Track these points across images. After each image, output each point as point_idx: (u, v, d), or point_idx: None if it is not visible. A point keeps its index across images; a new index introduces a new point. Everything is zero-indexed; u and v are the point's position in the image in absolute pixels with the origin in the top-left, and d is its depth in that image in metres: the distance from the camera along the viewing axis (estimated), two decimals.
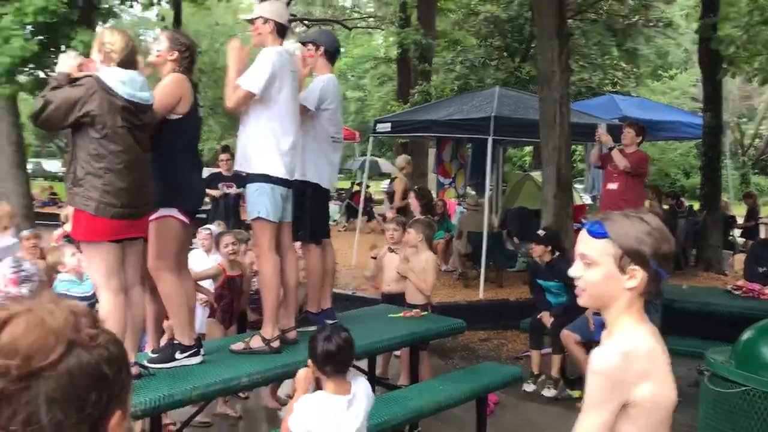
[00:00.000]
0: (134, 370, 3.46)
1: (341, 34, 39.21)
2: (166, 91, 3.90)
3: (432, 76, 18.78)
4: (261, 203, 4.26)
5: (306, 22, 27.37)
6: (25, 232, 6.21)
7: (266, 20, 4.34)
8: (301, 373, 3.12)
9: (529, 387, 6.36)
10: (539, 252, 6.44)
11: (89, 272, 3.95)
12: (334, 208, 16.55)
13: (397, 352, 6.31)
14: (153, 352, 4.09)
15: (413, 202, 8.87)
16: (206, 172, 9.16)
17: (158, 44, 4.03)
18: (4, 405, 0.90)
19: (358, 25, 30.86)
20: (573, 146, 11.22)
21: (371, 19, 29.74)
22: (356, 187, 18.08)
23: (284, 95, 4.27)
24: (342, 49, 6.35)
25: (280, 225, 4.43)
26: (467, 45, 20.95)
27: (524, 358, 7.19)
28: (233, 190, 9.26)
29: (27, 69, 10.75)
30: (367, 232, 14.40)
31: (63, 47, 10.52)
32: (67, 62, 3.59)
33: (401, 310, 5.56)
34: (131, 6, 13.76)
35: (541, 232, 6.68)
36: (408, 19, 17.74)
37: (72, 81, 3.51)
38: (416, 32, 15.99)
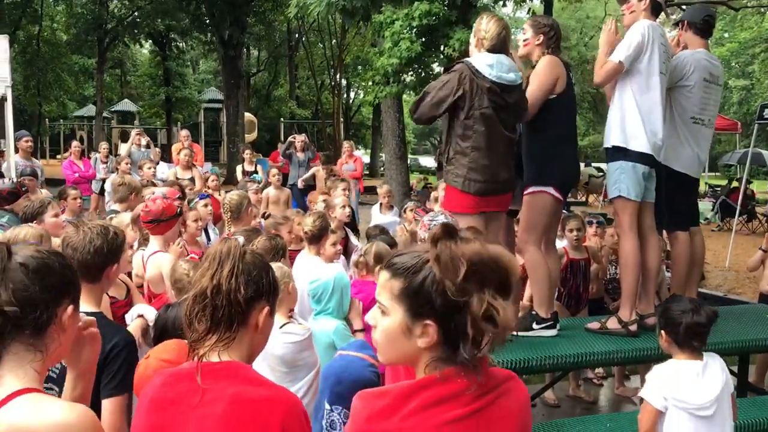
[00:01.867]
0: None
1: (724, 19, 35.60)
2: (542, 75, 4.01)
3: None
4: (622, 181, 4.12)
5: (684, 6, 25.40)
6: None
7: None
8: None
9: None
10: None
11: None
12: (707, 206, 15.13)
13: None
14: None
15: None
16: None
17: (523, 34, 4.16)
18: None
19: (747, 5, 27.53)
20: None
21: None
22: (735, 183, 16.23)
23: (653, 68, 4.05)
24: (726, 35, 5.74)
25: (642, 205, 4.23)
26: None
27: None
28: None
29: (411, 69, 12.02)
30: (745, 233, 12.85)
31: (442, 47, 11.56)
32: None
33: None
34: (504, 5, 14.38)
35: None
36: None
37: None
38: None
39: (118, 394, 2.27)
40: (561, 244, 5.69)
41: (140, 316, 2.99)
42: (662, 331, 3.03)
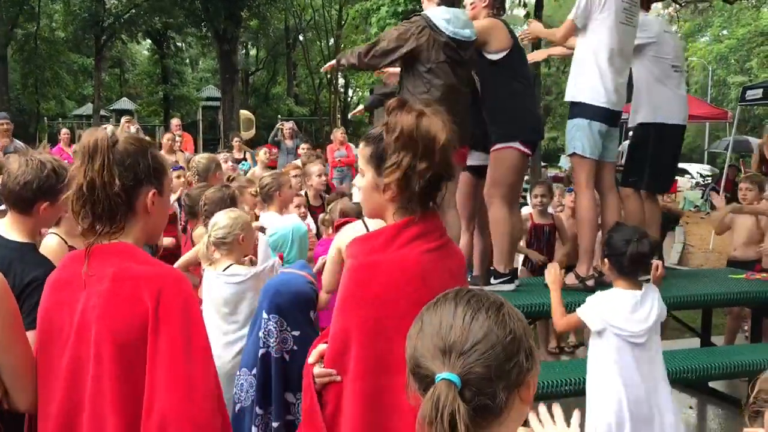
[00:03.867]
0: None
1: (722, 16, 35.61)
2: (480, 34, 4.06)
3: None
4: (577, 138, 4.18)
5: (680, 0, 25.38)
6: None
7: None
8: (551, 274, 3.33)
9: None
10: None
11: None
12: (696, 194, 15.18)
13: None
14: (473, 278, 4.34)
15: None
16: None
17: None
18: None
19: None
20: None
21: None
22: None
23: (608, 20, 4.06)
24: (724, 31, 5.79)
25: (601, 164, 4.29)
26: None
27: None
28: None
29: None
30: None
31: None
32: None
33: (744, 273, 4.91)
34: None
35: None
36: None
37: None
38: None
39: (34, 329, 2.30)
40: (527, 210, 5.75)
41: None
42: (605, 260, 3.11)
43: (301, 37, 34.04)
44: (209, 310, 3.25)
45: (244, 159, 11.93)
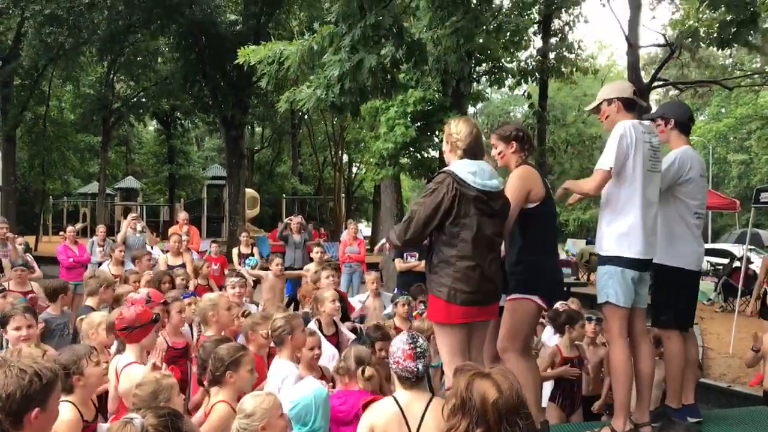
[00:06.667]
0: None
1: (720, 95, 36.22)
2: (514, 188, 3.96)
3: None
4: (610, 286, 4.02)
5: (680, 86, 25.83)
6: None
7: (610, 101, 4.18)
8: None
9: None
10: None
11: (439, 348, 4.11)
12: (709, 286, 14.94)
13: None
14: None
15: None
16: None
17: (495, 149, 4.18)
18: None
19: (741, 84, 28.06)
20: None
21: (756, 76, 26.76)
22: (736, 263, 16.07)
23: (638, 168, 4.00)
24: (722, 110, 5.77)
25: (633, 310, 4.12)
26: None
27: None
28: None
29: (407, 152, 12.14)
30: (749, 314, 12.59)
31: (436, 131, 11.69)
32: None
33: None
34: (499, 87, 14.61)
35: None
36: None
37: None
38: None
39: None
40: (555, 341, 5.55)
41: None
42: None
43: (305, 117, 34.54)
44: None
45: (251, 254, 11.78)
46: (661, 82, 20.37)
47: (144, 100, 28.20)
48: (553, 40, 15.54)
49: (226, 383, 3.64)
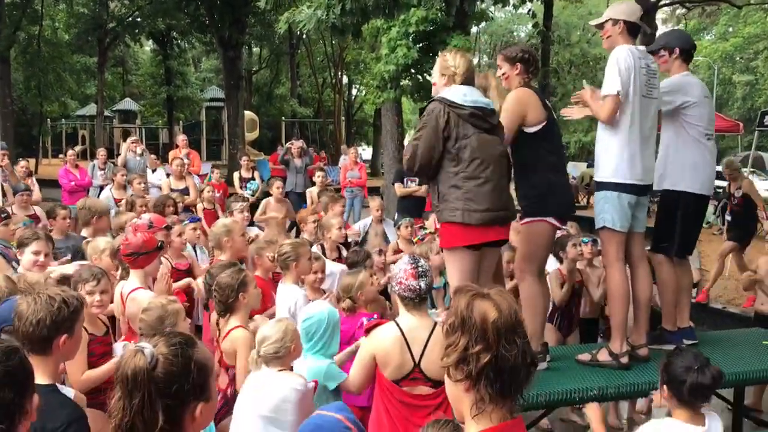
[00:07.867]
0: None
1: (728, 14, 35.32)
2: (509, 111, 3.95)
3: None
4: (606, 211, 4.06)
5: (687, 4, 25.15)
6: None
7: (615, 21, 4.09)
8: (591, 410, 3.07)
9: None
10: None
11: (449, 275, 4.17)
12: (709, 209, 15.01)
13: None
14: None
15: None
16: None
17: (499, 69, 4.14)
18: None
19: (751, 2, 27.33)
20: None
21: None
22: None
23: (635, 94, 3.96)
24: (730, 29, 5.67)
25: (631, 234, 4.17)
26: None
27: None
28: None
29: (409, 74, 11.91)
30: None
31: (439, 52, 11.44)
32: None
33: None
34: (504, 5, 14.21)
35: None
36: None
37: None
38: None
39: None
40: (555, 265, 5.63)
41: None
42: (663, 386, 2.91)
43: (305, 36, 33.78)
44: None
45: (252, 178, 11.79)
46: (668, 0, 19.85)
47: (139, 19, 27.51)
48: None
49: (239, 307, 3.72)
